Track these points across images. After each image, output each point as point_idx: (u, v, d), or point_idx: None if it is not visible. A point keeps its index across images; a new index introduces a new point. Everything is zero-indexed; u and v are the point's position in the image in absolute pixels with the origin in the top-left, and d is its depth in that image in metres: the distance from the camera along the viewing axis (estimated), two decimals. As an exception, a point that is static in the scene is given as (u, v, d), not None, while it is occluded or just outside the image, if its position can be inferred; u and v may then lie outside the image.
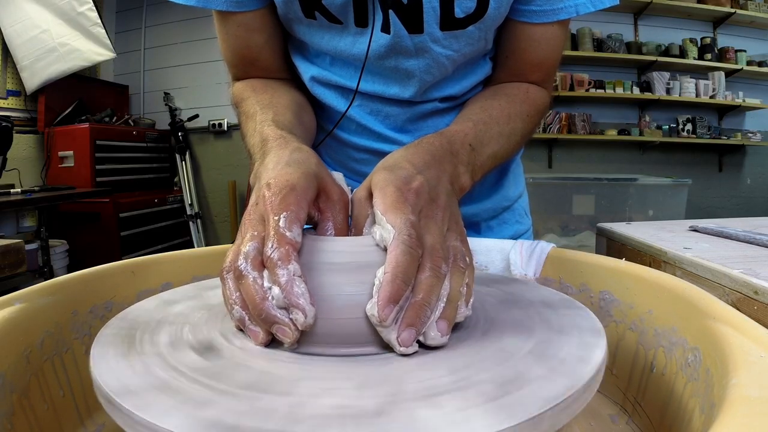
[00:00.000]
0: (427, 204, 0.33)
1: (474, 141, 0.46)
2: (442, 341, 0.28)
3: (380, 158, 0.62)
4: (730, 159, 3.92)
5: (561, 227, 2.73)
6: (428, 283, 0.28)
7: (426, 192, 0.34)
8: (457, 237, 0.33)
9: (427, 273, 0.29)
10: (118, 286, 0.45)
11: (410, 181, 0.34)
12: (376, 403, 0.23)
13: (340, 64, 0.58)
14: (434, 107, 0.60)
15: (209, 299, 0.38)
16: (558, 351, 0.28)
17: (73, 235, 2.76)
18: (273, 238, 0.29)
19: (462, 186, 0.42)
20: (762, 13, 3.60)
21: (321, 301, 0.28)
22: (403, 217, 0.30)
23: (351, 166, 0.66)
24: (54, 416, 0.36)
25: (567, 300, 0.37)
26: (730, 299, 0.45)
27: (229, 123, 3.63)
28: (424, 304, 0.28)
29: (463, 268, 0.31)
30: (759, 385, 0.23)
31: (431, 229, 0.31)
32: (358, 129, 0.62)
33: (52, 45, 2.79)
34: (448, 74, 0.58)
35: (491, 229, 0.70)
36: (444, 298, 0.29)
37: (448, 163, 0.40)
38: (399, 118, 0.61)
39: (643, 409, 0.38)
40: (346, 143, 0.64)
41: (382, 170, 0.35)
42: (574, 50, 3.54)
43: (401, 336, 0.27)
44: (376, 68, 0.56)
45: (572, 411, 0.23)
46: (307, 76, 0.60)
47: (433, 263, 0.29)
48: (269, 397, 0.24)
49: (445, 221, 0.33)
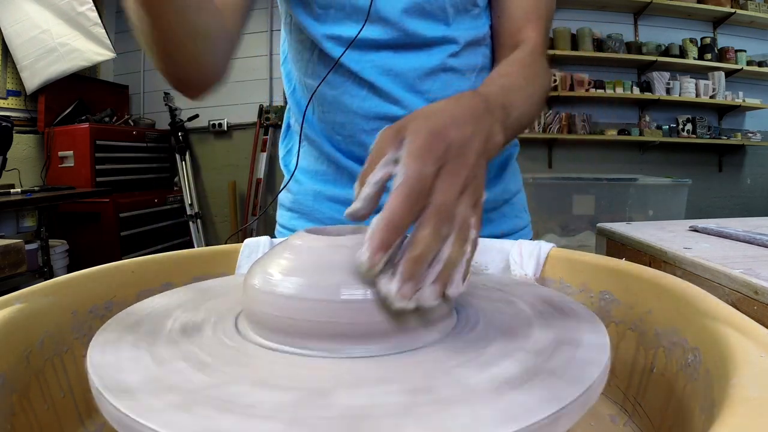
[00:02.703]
0: (454, 158, 0.32)
1: (505, 102, 0.46)
2: (434, 303, 0.28)
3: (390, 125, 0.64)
4: (730, 159, 3.92)
5: (561, 227, 2.73)
6: (426, 240, 0.28)
7: (457, 146, 0.33)
8: (471, 202, 0.32)
9: (427, 230, 0.28)
10: (118, 286, 0.45)
11: (445, 132, 0.33)
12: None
13: (341, 17, 0.61)
14: (442, 61, 0.62)
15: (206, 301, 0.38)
16: (553, 363, 0.27)
17: (73, 235, 2.76)
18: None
19: (496, 143, 0.41)
20: (762, 13, 3.60)
21: (319, 300, 0.28)
22: (417, 166, 0.30)
23: (361, 138, 0.65)
24: (54, 416, 0.36)
25: (568, 304, 0.37)
26: (730, 299, 0.45)
27: (229, 123, 3.63)
28: (421, 258, 0.28)
29: (465, 240, 0.30)
30: (759, 385, 0.23)
31: (445, 187, 0.30)
32: (369, 92, 0.63)
33: (52, 45, 2.80)
34: (447, 18, 0.61)
35: (491, 221, 0.70)
36: (441, 261, 0.29)
37: (486, 121, 0.39)
38: (409, 76, 0.62)
39: (643, 409, 0.38)
40: (356, 112, 0.64)
41: (420, 117, 0.34)
42: (574, 50, 3.54)
43: (402, 289, 0.27)
44: (372, 14, 0.59)
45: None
46: (320, 36, 0.62)
47: (435, 222, 0.29)
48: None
49: (467, 181, 0.32)
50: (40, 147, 3.01)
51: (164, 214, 3.37)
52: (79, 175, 2.84)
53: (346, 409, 0.22)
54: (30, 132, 2.97)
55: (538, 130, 3.62)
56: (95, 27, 2.84)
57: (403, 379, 0.25)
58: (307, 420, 0.22)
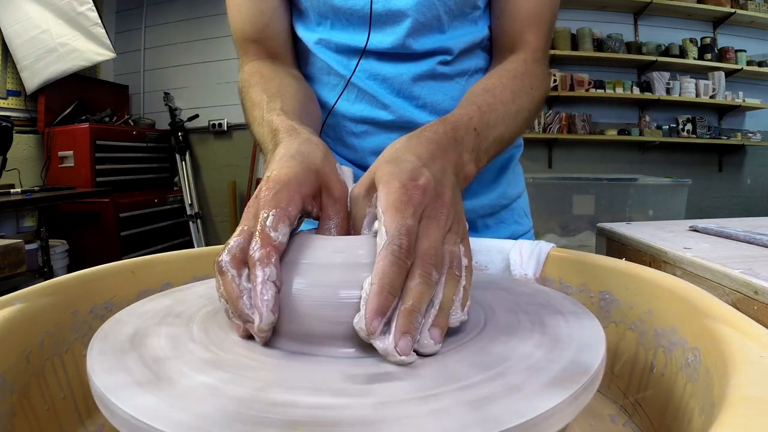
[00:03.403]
0: (431, 201, 0.32)
1: (479, 125, 0.45)
2: (435, 349, 0.28)
3: (378, 129, 0.63)
4: (730, 159, 3.92)
5: (561, 227, 2.73)
6: (417, 290, 0.28)
7: (432, 189, 0.33)
8: (458, 239, 0.32)
9: (417, 280, 0.28)
10: (118, 286, 0.45)
11: (416, 177, 0.33)
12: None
13: (340, 25, 0.60)
14: (432, 68, 0.60)
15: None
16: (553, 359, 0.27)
17: (73, 235, 2.76)
18: (257, 237, 0.29)
19: (467, 175, 0.41)
20: (762, 13, 3.60)
21: (316, 300, 0.28)
22: (399, 222, 0.29)
23: (349, 141, 0.65)
24: (54, 416, 0.36)
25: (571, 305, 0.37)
26: (730, 299, 0.45)
27: (229, 123, 3.63)
28: (414, 310, 0.27)
29: (458, 275, 0.30)
30: (759, 385, 0.23)
31: (430, 232, 0.30)
32: (358, 97, 0.62)
33: (52, 45, 2.80)
34: (443, 26, 0.59)
35: (488, 227, 0.69)
36: (436, 306, 0.29)
37: (453, 152, 0.39)
38: (397, 80, 0.61)
39: (643, 409, 0.38)
40: (344, 115, 0.64)
41: (386, 163, 0.34)
42: (574, 50, 3.54)
43: (399, 344, 0.27)
44: (371, 18, 0.58)
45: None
46: (311, 42, 0.62)
47: (423, 270, 0.28)
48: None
49: (449, 221, 0.32)
50: (40, 147, 3.01)
51: (164, 214, 3.37)
52: (79, 175, 2.84)
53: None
54: (30, 132, 2.97)
55: (538, 130, 3.62)
56: (95, 27, 2.84)
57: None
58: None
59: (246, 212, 0.32)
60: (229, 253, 0.30)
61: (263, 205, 0.31)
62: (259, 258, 0.28)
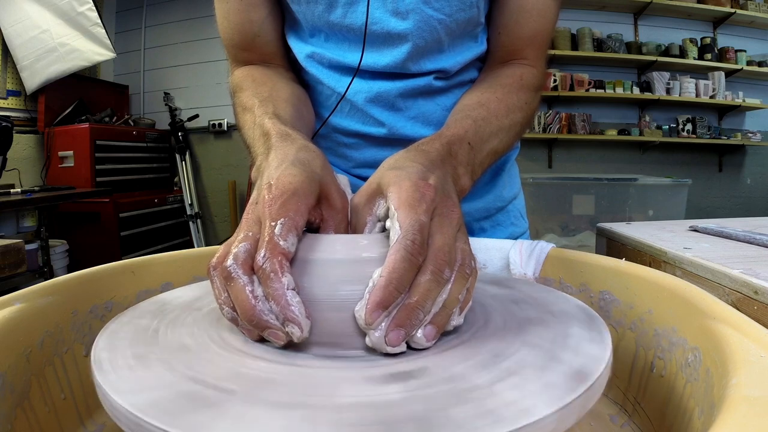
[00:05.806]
0: (442, 200, 0.32)
1: (473, 139, 0.45)
2: (427, 345, 0.28)
3: (369, 142, 0.63)
4: (730, 159, 3.92)
5: (561, 227, 2.73)
6: (426, 287, 0.28)
7: (441, 188, 0.33)
8: (466, 239, 0.32)
9: (428, 276, 0.28)
10: (118, 286, 0.45)
11: (426, 177, 0.33)
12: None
13: (335, 40, 0.58)
14: (428, 84, 0.59)
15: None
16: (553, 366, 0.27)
17: (73, 235, 2.76)
18: (266, 246, 0.28)
19: (462, 188, 0.42)
20: (762, 13, 3.60)
21: (315, 300, 0.28)
22: (413, 218, 0.29)
23: (341, 151, 0.64)
24: (54, 416, 0.36)
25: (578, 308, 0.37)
26: (730, 299, 0.45)
27: (229, 123, 3.63)
28: (417, 307, 0.27)
29: (468, 274, 0.30)
30: (759, 385, 0.23)
31: (444, 229, 0.30)
32: (351, 112, 0.61)
33: (52, 45, 2.79)
34: (443, 46, 0.57)
35: (484, 230, 0.69)
36: (440, 304, 0.29)
37: (449, 165, 0.39)
38: (391, 95, 0.59)
39: (643, 409, 0.38)
40: (335, 128, 0.63)
41: (391, 170, 0.34)
42: (574, 50, 3.54)
43: (389, 336, 0.27)
44: (368, 38, 0.56)
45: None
46: (302, 56, 0.60)
47: (436, 266, 0.28)
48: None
49: (459, 221, 0.32)
50: (40, 147, 3.01)
51: (164, 214, 3.37)
52: (79, 175, 2.84)
53: None
54: (30, 132, 2.97)
55: (538, 130, 3.62)
56: (95, 27, 2.84)
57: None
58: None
59: (246, 217, 0.31)
60: (236, 259, 0.28)
61: (270, 214, 0.29)
62: (272, 269, 0.27)
